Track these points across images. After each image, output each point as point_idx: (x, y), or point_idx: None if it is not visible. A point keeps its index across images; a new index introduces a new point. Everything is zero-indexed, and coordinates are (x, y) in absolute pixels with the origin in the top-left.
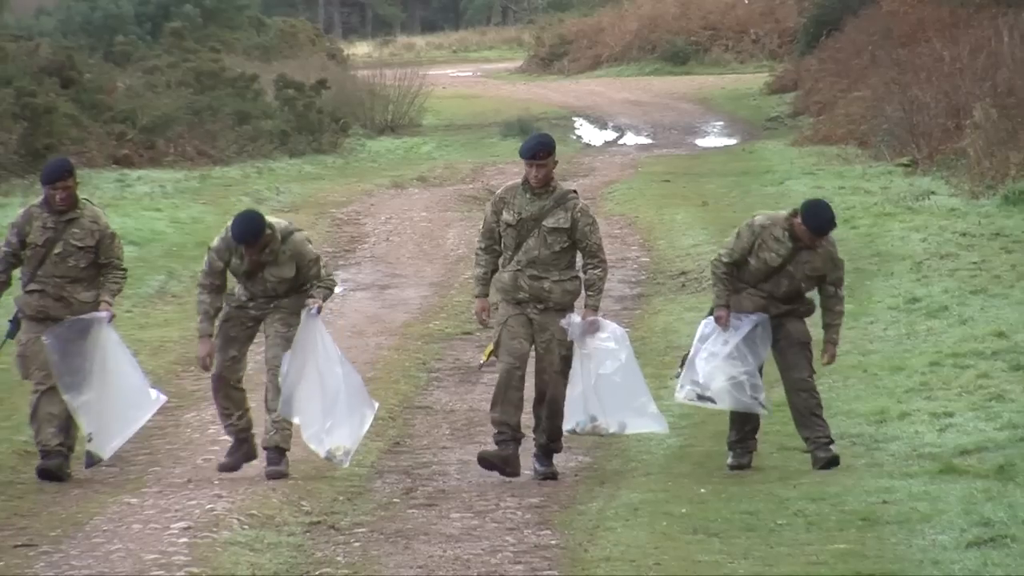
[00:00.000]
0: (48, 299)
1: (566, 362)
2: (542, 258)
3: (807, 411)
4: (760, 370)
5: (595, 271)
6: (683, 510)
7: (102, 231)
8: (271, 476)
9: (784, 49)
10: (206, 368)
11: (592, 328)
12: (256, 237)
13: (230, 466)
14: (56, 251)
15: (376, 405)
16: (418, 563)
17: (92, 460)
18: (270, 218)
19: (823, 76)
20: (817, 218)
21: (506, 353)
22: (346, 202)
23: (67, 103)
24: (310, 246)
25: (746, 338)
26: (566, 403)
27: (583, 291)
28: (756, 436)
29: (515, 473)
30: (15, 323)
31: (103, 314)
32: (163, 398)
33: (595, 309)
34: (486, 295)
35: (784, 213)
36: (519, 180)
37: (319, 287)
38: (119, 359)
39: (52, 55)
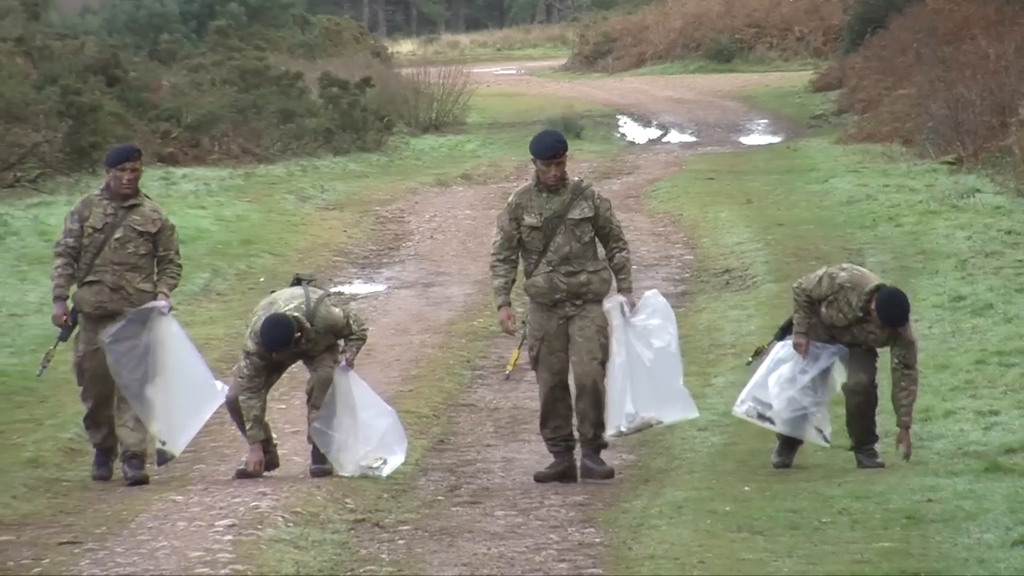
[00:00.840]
0: (105, 291)
1: (606, 351)
2: (574, 252)
3: (858, 414)
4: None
5: (621, 254)
6: (727, 508)
7: (163, 221)
8: (316, 474)
9: (829, 47)
10: (259, 474)
11: (636, 308)
12: (288, 344)
13: (246, 473)
14: (116, 236)
15: (407, 445)
16: (462, 561)
17: (164, 458)
18: (291, 310)
19: (868, 74)
20: (887, 313)
21: (546, 370)
22: (390, 200)
23: (112, 101)
24: (337, 311)
25: (824, 371)
26: (610, 404)
27: (614, 275)
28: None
29: (574, 479)
30: (73, 321)
31: (161, 303)
32: (226, 388)
33: (630, 290)
34: (509, 303)
35: (869, 284)
36: (529, 183)
37: (352, 341)
38: (181, 352)
39: (97, 53)
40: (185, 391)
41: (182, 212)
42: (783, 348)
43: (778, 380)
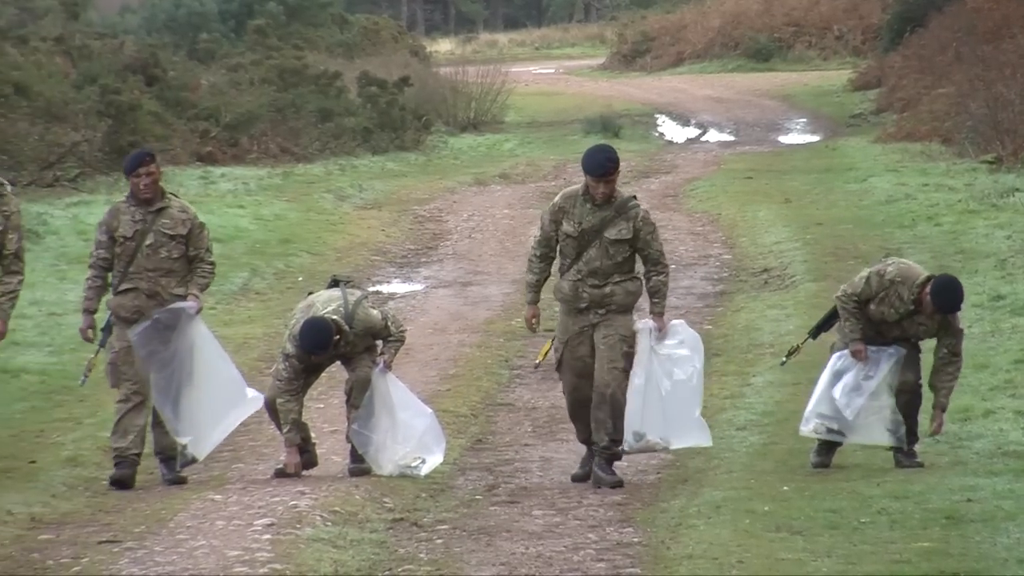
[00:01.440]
0: (142, 297)
1: (629, 359)
2: (604, 268)
3: (903, 414)
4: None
5: (659, 277)
6: (766, 508)
7: (192, 220)
8: (354, 473)
9: (868, 46)
10: (297, 474)
11: (664, 334)
12: (327, 348)
13: (284, 473)
14: (148, 242)
15: (445, 445)
16: (500, 560)
17: (186, 460)
18: (329, 313)
19: (907, 73)
20: (944, 299)
21: (570, 372)
22: (428, 199)
23: (151, 100)
24: (375, 312)
25: (888, 374)
26: (623, 422)
27: (648, 297)
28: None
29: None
30: (107, 330)
31: (190, 303)
32: (262, 397)
33: (662, 315)
34: (537, 302)
35: (919, 276)
36: (578, 187)
37: (390, 343)
38: (211, 354)
39: (136, 53)
40: (212, 395)
41: (220, 211)
42: (840, 359)
43: (844, 391)
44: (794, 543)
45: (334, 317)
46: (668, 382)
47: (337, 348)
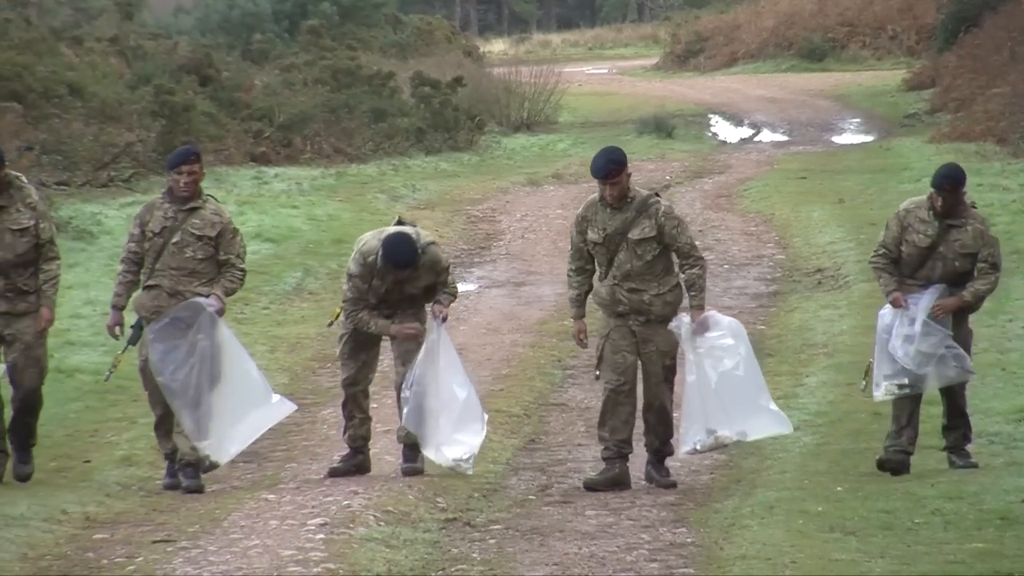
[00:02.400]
0: (163, 295)
1: (670, 371)
2: (636, 270)
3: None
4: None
5: (693, 270)
6: (819, 508)
7: (224, 224)
8: (407, 473)
9: (922, 45)
10: (411, 335)
11: (703, 327)
12: (412, 260)
13: (341, 471)
14: (174, 240)
15: (486, 417)
16: (553, 560)
17: (207, 466)
18: (409, 230)
19: (961, 73)
20: (935, 173)
21: (609, 370)
22: (482, 199)
23: (205, 101)
24: (442, 254)
25: (924, 312)
26: (682, 422)
27: (686, 293)
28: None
29: (627, 487)
30: (137, 327)
31: (210, 300)
32: (290, 405)
33: (701, 308)
34: (583, 316)
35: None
36: (596, 196)
37: (446, 294)
38: (231, 356)
39: (190, 53)
40: (233, 399)
41: (274, 211)
42: (883, 317)
43: (898, 343)
44: (848, 544)
45: (409, 230)
46: (715, 374)
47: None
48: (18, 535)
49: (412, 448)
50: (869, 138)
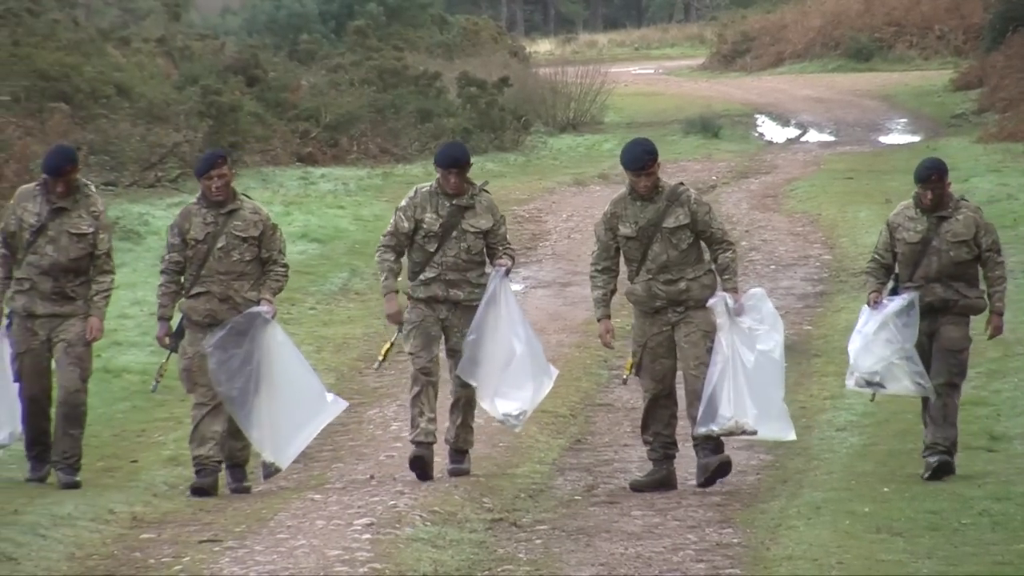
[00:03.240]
0: (214, 301)
1: (712, 353)
2: (672, 260)
3: (938, 418)
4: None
5: (726, 255)
6: (866, 509)
7: (264, 222)
8: (454, 474)
9: (969, 45)
10: (398, 322)
11: (744, 306)
12: (464, 160)
13: (413, 463)
14: (219, 245)
15: (555, 373)
16: (599, 560)
17: (269, 471)
18: None
19: (1009, 72)
20: (917, 167)
21: (649, 378)
22: (528, 199)
23: (252, 101)
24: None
25: (896, 315)
26: (702, 403)
27: (718, 276)
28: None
29: (672, 486)
30: (179, 334)
31: (264, 308)
32: (342, 403)
33: (735, 290)
34: (609, 317)
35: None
36: (624, 191)
37: (507, 252)
38: (287, 360)
39: (237, 54)
40: (291, 402)
41: (320, 212)
42: (860, 313)
43: (855, 339)
44: (894, 544)
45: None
46: (751, 355)
47: (463, 189)
48: (66, 535)
49: (459, 452)
50: (916, 138)
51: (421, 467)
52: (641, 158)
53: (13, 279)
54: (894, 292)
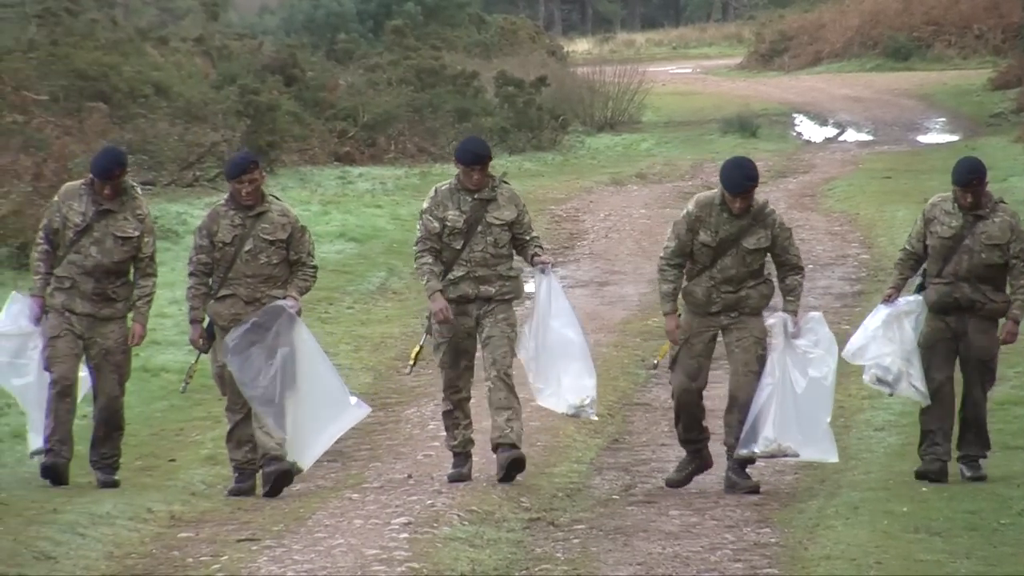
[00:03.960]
0: (240, 304)
1: (762, 362)
2: (739, 276)
3: (972, 427)
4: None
5: (795, 278)
6: (904, 508)
7: (292, 224)
8: (514, 468)
9: (1008, 44)
10: (448, 320)
11: (799, 331)
12: (485, 156)
13: (455, 478)
14: (247, 248)
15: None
16: (637, 560)
17: (295, 471)
18: None
19: None
20: (957, 170)
21: (682, 372)
22: (565, 199)
23: (290, 101)
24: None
25: (899, 315)
26: (747, 423)
27: (782, 295)
28: (941, 441)
29: (709, 466)
30: (209, 336)
31: (288, 302)
32: (365, 408)
33: (795, 314)
34: (676, 311)
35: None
36: (713, 195)
37: (537, 245)
38: (311, 359)
39: (275, 53)
40: (314, 403)
41: (358, 211)
42: (876, 310)
43: (863, 330)
44: (933, 544)
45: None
46: (803, 380)
47: (484, 182)
48: (104, 533)
49: (513, 445)
50: (954, 138)
51: (466, 478)
52: (742, 184)
53: (54, 276)
54: (921, 288)
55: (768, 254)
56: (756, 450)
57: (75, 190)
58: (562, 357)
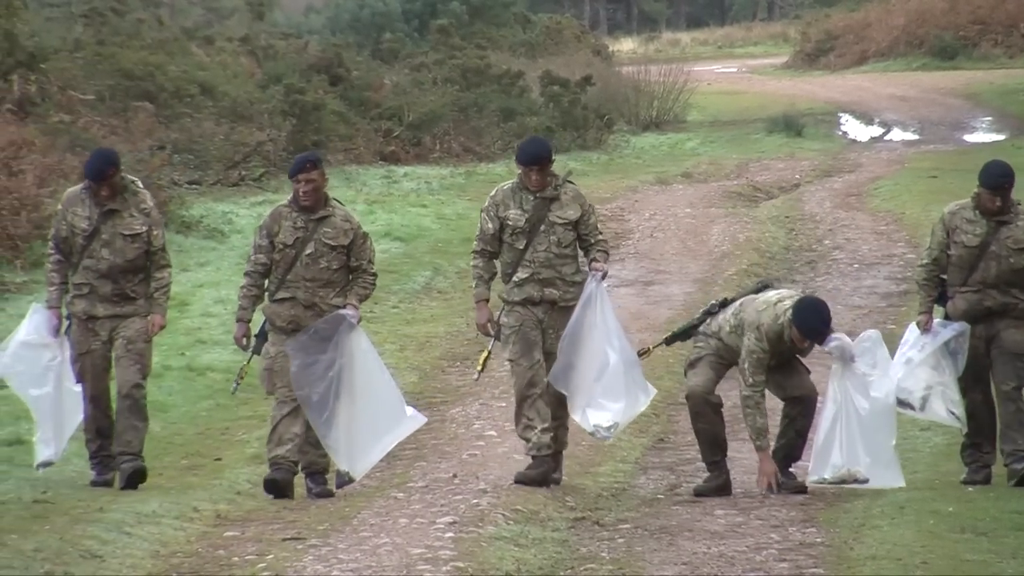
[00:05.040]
0: (299, 307)
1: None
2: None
3: (1014, 423)
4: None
5: None
6: (950, 508)
7: (355, 230)
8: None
9: None
10: (488, 333)
11: (854, 355)
12: (546, 156)
13: (526, 479)
14: (308, 251)
15: (653, 392)
16: (682, 559)
17: (343, 480)
18: None
19: None
20: (988, 173)
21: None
22: (610, 198)
23: (335, 100)
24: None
25: (944, 346)
26: (814, 450)
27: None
28: (990, 449)
29: (728, 493)
30: (262, 336)
31: (349, 312)
32: (421, 419)
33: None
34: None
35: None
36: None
37: (600, 250)
38: (369, 368)
39: (321, 53)
40: (370, 412)
41: (403, 210)
42: (910, 332)
43: (904, 362)
44: (979, 544)
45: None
46: (866, 403)
47: (545, 181)
48: (150, 532)
49: (554, 455)
50: (1001, 137)
51: (543, 481)
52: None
53: (72, 284)
54: (941, 297)
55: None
56: (827, 476)
57: (76, 196)
58: (596, 372)
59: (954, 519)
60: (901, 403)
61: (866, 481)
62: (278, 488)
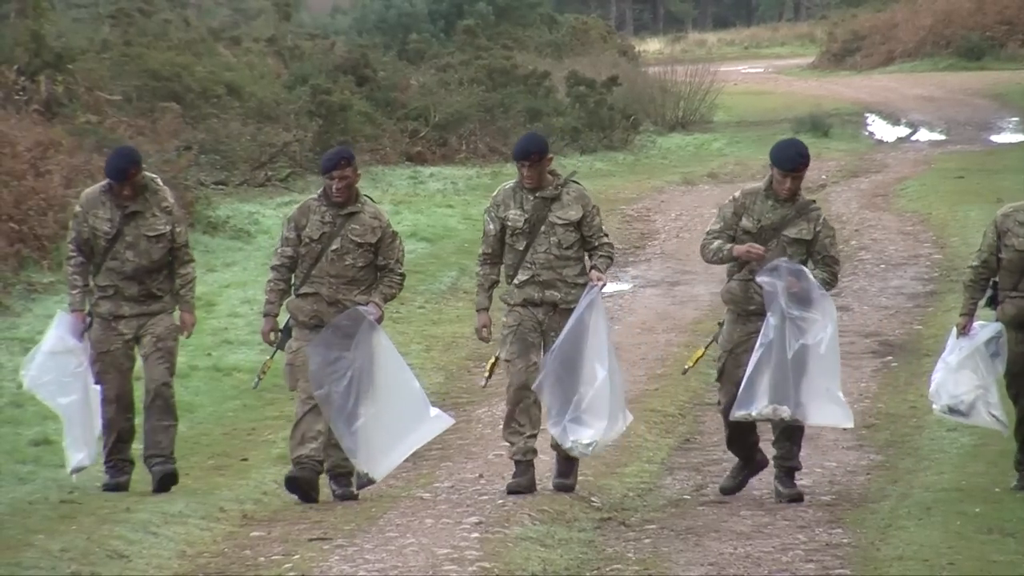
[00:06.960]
0: (322, 303)
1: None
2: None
3: None
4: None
5: (825, 275)
6: (977, 509)
7: (383, 229)
8: (559, 488)
9: None
10: (485, 339)
11: (795, 284)
12: (536, 150)
13: (514, 488)
14: (333, 247)
15: (631, 418)
16: (708, 560)
17: (363, 481)
18: None
19: None
20: None
21: (731, 383)
22: (636, 199)
23: (361, 101)
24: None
25: (982, 348)
26: (743, 385)
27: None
28: None
29: (764, 464)
30: (286, 332)
31: (371, 308)
32: (447, 420)
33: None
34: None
35: None
36: (760, 185)
37: (602, 257)
38: (390, 367)
39: (347, 53)
40: (391, 412)
41: (429, 211)
42: (951, 337)
43: (944, 367)
44: (1006, 545)
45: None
46: (796, 343)
47: (542, 179)
48: (176, 532)
49: (567, 460)
50: None
51: (530, 487)
52: (794, 159)
53: (96, 286)
54: (992, 300)
55: (808, 254)
56: (752, 413)
57: (96, 197)
58: (577, 387)
59: (981, 520)
60: (951, 410)
61: (797, 421)
62: (300, 487)
